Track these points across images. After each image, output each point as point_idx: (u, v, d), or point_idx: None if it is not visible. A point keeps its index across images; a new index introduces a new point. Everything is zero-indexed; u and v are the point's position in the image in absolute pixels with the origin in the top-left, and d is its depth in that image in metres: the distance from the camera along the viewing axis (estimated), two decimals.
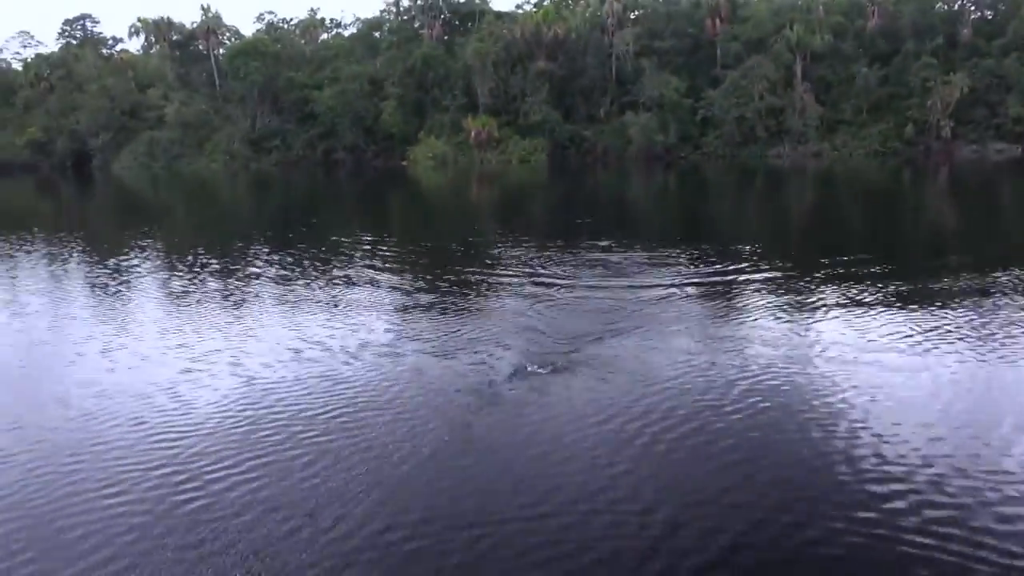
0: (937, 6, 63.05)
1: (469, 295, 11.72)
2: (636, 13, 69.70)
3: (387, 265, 14.86)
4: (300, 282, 13.27)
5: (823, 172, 46.18)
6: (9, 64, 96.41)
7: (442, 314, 10.53)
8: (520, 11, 77.18)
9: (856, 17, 62.54)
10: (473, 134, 64.22)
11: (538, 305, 10.75)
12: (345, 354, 8.61)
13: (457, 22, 77.32)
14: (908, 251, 16.70)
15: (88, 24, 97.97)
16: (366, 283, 12.83)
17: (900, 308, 10.41)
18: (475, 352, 8.53)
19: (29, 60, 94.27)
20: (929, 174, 42.83)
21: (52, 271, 15.90)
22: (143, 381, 7.78)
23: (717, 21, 64.41)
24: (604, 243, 16.79)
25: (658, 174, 49.67)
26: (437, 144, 65.96)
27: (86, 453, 6.09)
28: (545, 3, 75.69)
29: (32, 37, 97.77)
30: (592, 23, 67.95)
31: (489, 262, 14.68)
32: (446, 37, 74.57)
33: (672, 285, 11.97)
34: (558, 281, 12.45)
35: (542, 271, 13.51)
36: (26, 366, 8.80)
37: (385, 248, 17.45)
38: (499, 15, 74.67)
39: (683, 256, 14.97)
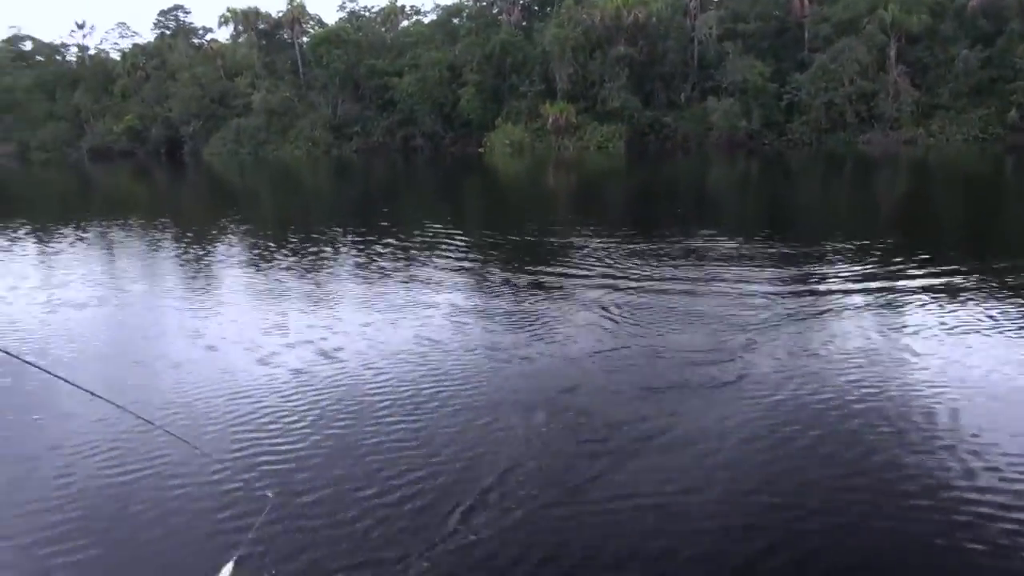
0: None
1: (563, 293, 11.51)
2: None
3: (469, 257, 14.87)
4: (386, 273, 13.42)
5: (918, 160, 44.10)
6: (108, 54, 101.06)
7: (538, 314, 10.40)
8: None
9: None
10: (551, 120, 63.86)
11: (638, 309, 10.49)
12: (445, 353, 8.63)
13: (536, 7, 76.91)
14: (1016, 249, 15.76)
15: (180, 15, 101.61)
16: (450, 275, 12.86)
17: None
18: (586, 361, 8.33)
19: (126, 50, 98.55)
20: None
21: (153, 258, 16.54)
22: (254, 382, 7.91)
23: (805, 2, 62.10)
24: (690, 236, 16.42)
25: (740, 161, 48.38)
26: (514, 130, 65.88)
27: (217, 467, 6.04)
28: None
29: (129, 28, 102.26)
30: (674, 7, 66.42)
31: (573, 255, 14.52)
32: (524, 23, 74.27)
33: (769, 284, 11.59)
34: (656, 281, 12.17)
35: (633, 268, 13.24)
36: (136, 362, 9.07)
37: (464, 238, 17.48)
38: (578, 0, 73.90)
39: (776, 252, 14.49)
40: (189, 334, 9.72)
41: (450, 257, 14.49)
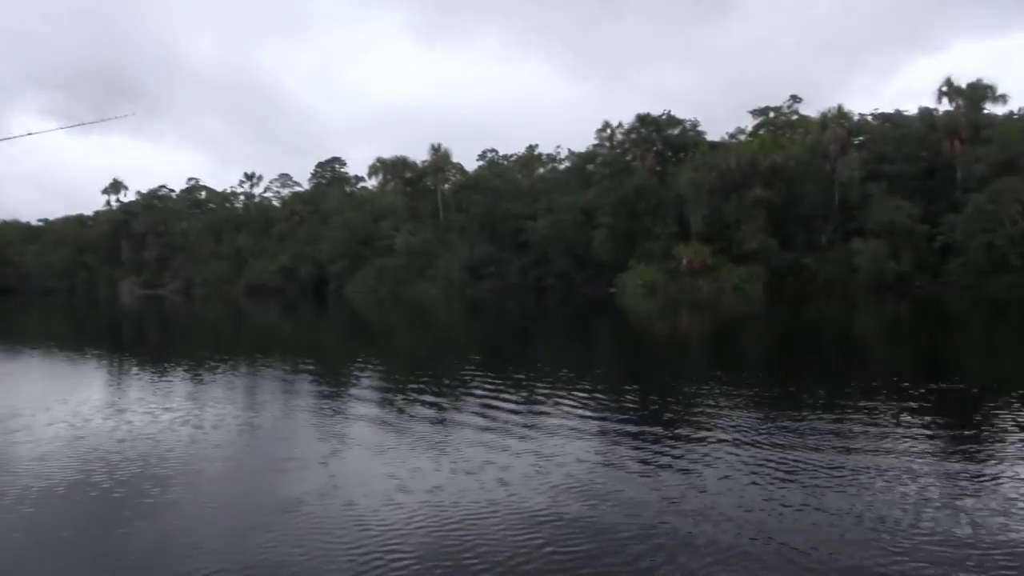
0: None
1: (696, 465, 10.29)
2: (861, 138, 66.71)
3: (593, 404, 13.95)
4: (500, 410, 12.74)
5: None
6: (271, 201, 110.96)
7: (660, 482, 9.34)
8: (735, 141, 76.73)
9: None
10: (685, 262, 63.23)
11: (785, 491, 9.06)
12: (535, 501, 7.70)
13: (670, 153, 78.31)
14: None
15: (336, 166, 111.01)
16: (569, 422, 11.94)
17: None
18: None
19: (287, 198, 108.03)
20: None
21: (285, 388, 16.70)
22: (365, 522, 7.29)
23: (956, 143, 59.72)
24: (844, 397, 14.85)
25: (890, 305, 45.37)
26: (647, 271, 65.57)
27: None
28: (761, 132, 74.82)
29: (291, 178, 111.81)
30: (813, 150, 65.71)
31: (708, 416, 13.30)
32: (658, 168, 75.51)
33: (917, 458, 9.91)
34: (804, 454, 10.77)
35: (758, 430, 11.88)
36: (250, 491, 8.70)
37: (591, 383, 16.63)
38: (713, 145, 74.70)
39: (921, 420, 12.68)
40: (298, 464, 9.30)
41: (573, 404, 13.63)
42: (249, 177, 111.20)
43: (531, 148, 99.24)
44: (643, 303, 53.20)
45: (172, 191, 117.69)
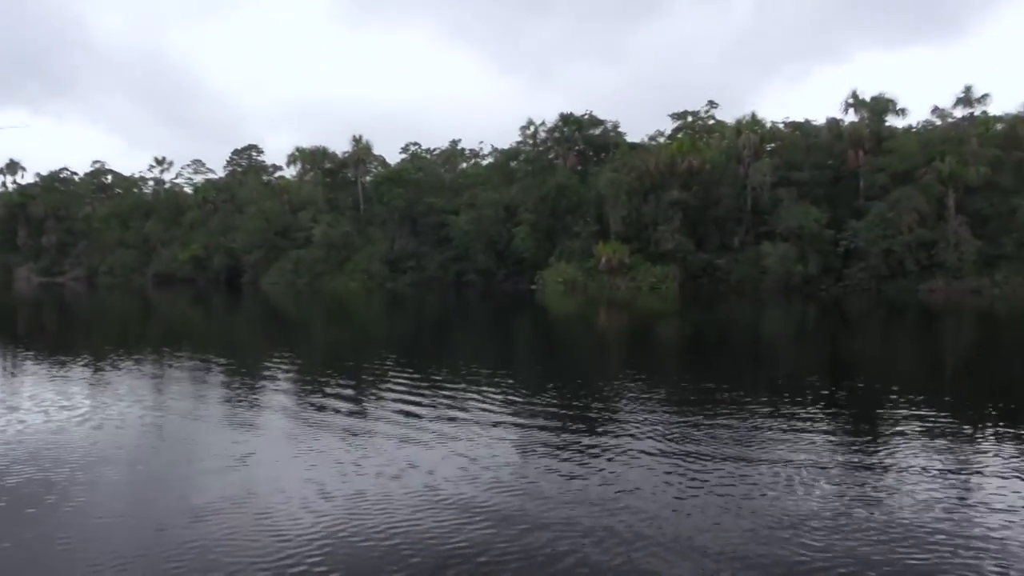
0: None
1: (606, 463, 10.37)
2: (772, 145, 69.01)
3: (510, 404, 13.94)
4: (421, 411, 12.58)
5: (984, 310, 42.33)
6: (182, 188, 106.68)
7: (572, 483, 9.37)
8: (654, 143, 78.28)
9: (1013, 149, 59.08)
10: (604, 260, 64.12)
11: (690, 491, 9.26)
12: (488, 514, 7.60)
13: (591, 153, 79.18)
14: None
15: (253, 154, 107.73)
16: (485, 429, 11.85)
17: None
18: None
19: (199, 185, 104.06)
20: None
21: (195, 385, 16.04)
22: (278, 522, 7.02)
23: (860, 153, 62.52)
24: (744, 394, 15.29)
25: (797, 306, 47.19)
26: (567, 269, 66.23)
27: None
28: (679, 135, 76.59)
29: (204, 164, 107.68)
30: (728, 154, 67.61)
31: (626, 418, 13.47)
32: (580, 167, 76.27)
33: (816, 459, 10.28)
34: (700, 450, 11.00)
35: (673, 430, 12.13)
36: (161, 488, 8.28)
37: (509, 381, 16.63)
38: (633, 146, 76.00)
39: (827, 417, 13.18)
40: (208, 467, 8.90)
41: (496, 404, 13.57)
42: (159, 162, 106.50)
43: (454, 143, 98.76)
44: (562, 301, 53.68)
45: (75, 174, 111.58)
